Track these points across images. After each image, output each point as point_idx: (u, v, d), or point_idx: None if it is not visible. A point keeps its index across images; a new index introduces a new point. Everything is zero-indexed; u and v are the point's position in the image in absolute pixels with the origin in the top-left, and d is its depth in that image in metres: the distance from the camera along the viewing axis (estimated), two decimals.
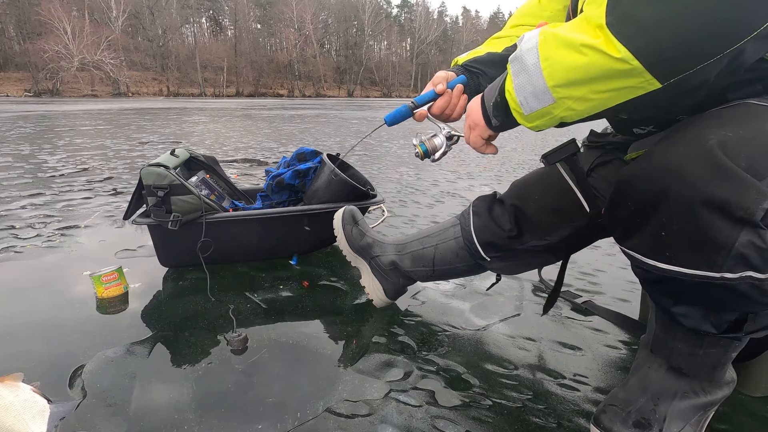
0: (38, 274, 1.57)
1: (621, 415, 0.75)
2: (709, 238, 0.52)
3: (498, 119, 0.70)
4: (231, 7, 52.77)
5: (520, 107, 0.63)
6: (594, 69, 0.52)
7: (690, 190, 0.52)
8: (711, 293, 0.56)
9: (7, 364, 1.03)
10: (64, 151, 4.63)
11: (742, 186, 0.50)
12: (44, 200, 2.56)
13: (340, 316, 1.30)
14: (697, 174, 0.52)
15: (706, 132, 0.54)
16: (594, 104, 0.56)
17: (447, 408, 0.93)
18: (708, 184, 0.51)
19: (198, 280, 1.50)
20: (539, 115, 0.61)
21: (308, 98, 43.22)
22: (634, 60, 0.49)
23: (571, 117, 0.60)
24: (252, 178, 3.37)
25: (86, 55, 38.31)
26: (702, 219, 0.52)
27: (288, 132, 7.17)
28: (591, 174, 0.91)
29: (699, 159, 0.52)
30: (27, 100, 27.72)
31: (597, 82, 0.53)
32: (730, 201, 0.50)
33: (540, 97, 0.59)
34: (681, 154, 0.54)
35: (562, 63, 0.55)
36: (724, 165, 0.51)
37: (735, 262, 0.52)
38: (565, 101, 0.57)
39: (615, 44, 0.49)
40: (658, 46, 0.48)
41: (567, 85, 0.56)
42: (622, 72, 0.50)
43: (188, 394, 0.95)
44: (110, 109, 14.76)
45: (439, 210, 2.52)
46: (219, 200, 1.75)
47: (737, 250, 0.52)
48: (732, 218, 0.51)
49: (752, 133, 0.53)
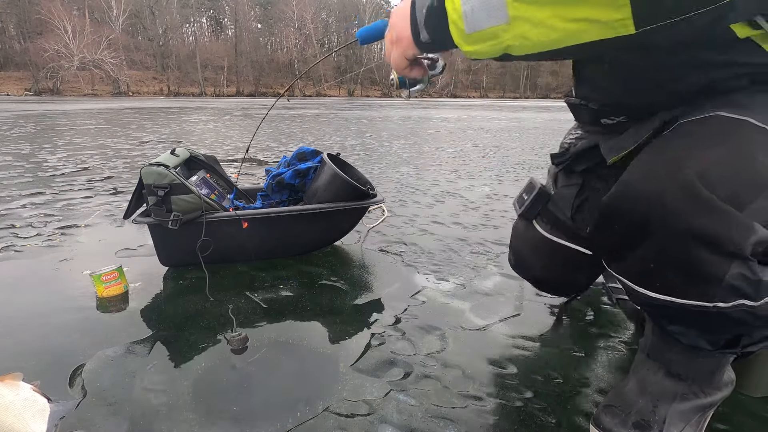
0: (38, 273, 1.57)
1: (621, 416, 0.75)
2: (699, 270, 0.52)
3: (429, 32, 0.54)
4: (231, 7, 52.81)
5: (463, 20, 0.49)
6: None
7: (676, 223, 0.52)
8: (705, 319, 0.56)
9: (7, 363, 1.03)
10: (64, 150, 4.63)
11: (728, 220, 0.49)
12: (44, 199, 2.56)
13: (340, 316, 1.30)
14: (680, 207, 0.51)
15: (682, 158, 0.53)
16: (553, 36, 0.46)
17: (447, 408, 0.93)
18: (693, 218, 0.50)
19: (198, 279, 1.50)
20: (483, 36, 0.49)
21: (308, 98, 43.23)
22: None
23: (521, 49, 0.48)
24: (252, 177, 3.37)
25: (86, 55, 38.32)
26: (691, 252, 0.52)
27: (288, 131, 7.17)
28: (575, 218, 0.90)
29: (680, 191, 0.51)
30: (27, 99, 27.73)
31: (568, 7, 0.43)
32: (719, 236, 0.50)
33: (492, 12, 0.47)
34: (661, 186, 0.53)
35: None
36: (706, 199, 0.50)
37: (727, 292, 0.52)
38: (520, 24, 0.46)
39: None
40: None
41: (529, 1, 0.45)
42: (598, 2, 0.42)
43: (188, 393, 0.95)
44: (110, 108, 14.76)
45: (440, 210, 2.52)
46: (219, 199, 1.75)
47: (728, 282, 0.51)
48: (722, 253, 0.51)
49: (729, 157, 0.52)
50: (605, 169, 0.84)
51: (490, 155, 4.76)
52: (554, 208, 0.90)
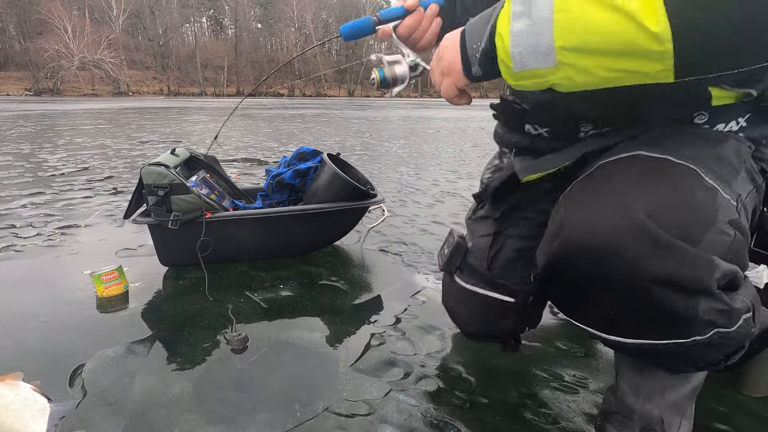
0: (38, 273, 1.57)
1: (627, 424, 0.74)
2: (669, 314, 0.51)
3: (482, 67, 0.56)
4: (231, 7, 52.81)
5: (511, 60, 0.50)
6: (617, 39, 0.43)
7: (635, 271, 0.49)
8: (681, 350, 0.55)
9: (7, 363, 1.03)
10: (64, 150, 4.63)
11: (689, 259, 0.48)
12: (44, 199, 2.56)
13: (340, 316, 1.30)
14: (638, 252, 0.49)
15: (625, 198, 0.51)
16: (596, 80, 0.48)
17: (447, 408, 0.93)
18: (652, 262, 0.48)
19: (198, 279, 1.50)
20: (530, 75, 0.51)
21: (309, 98, 43.21)
22: (668, 40, 0.40)
23: (565, 88, 0.51)
24: (252, 177, 3.37)
25: (87, 55, 38.30)
26: (657, 298, 0.50)
27: (288, 131, 7.17)
28: (492, 268, 0.91)
29: (634, 235, 0.49)
30: (27, 99, 27.73)
31: (612, 57, 0.44)
32: (684, 278, 0.48)
33: (541, 56, 0.48)
34: (610, 229, 0.50)
35: (582, 22, 0.44)
36: (661, 239, 0.48)
37: (702, 327, 0.51)
38: (566, 68, 0.47)
39: (657, 14, 0.40)
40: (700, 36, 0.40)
41: (578, 50, 0.46)
42: (647, 52, 0.42)
43: (188, 393, 0.95)
44: (110, 108, 14.77)
45: (440, 210, 2.52)
46: (219, 199, 1.75)
47: (701, 319, 0.51)
48: (690, 293, 0.50)
49: (670, 194, 0.51)
50: (520, 212, 0.87)
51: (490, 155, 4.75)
52: (472, 260, 0.92)
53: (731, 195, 0.53)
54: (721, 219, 0.50)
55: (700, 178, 0.52)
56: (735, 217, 0.52)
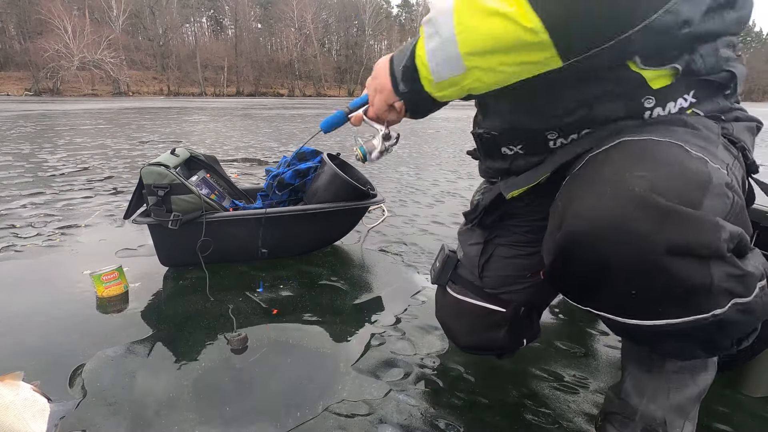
0: (38, 273, 1.57)
1: (627, 424, 0.74)
2: (684, 285, 0.51)
3: (406, 85, 0.66)
4: (231, 7, 52.78)
5: (431, 74, 0.61)
6: (505, 38, 0.52)
7: (648, 245, 0.50)
8: (701, 331, 0.55)
9: (8, 363, 1.03)
10: (64, 150, 4.63)
11: (695, 223, 0.49)
12: (44, 199, 2.56)
13: (340, 316, 1.30)
14: (646, 226, 0.49)
15: (620, 179, 0.53)
16: (503, 77, 0.57)
17: (447, 408, 0.93)
18: (662, 232, 0.49)
19: (198, 279, 1.50)
20: (448, 84, 0.60)
21: (309, 98, 43.21)
22: (543, 32, 0.50)
23: (479, 89, 0.60)
24: (252, 177, 3.37)
25: (87, 55, 38.29)
26: (671, 269, 0.50)
27: (288, 131, 7.17)
28: (483, 277, 0.91)
29: (639, 209, 0.50)
30: (27, 99, 27.73)
31: (507, 53, 0.54)
32: (691, 242, 0.49)
33: (452, 64, 0.57)
34: (614, 208, 0.51)
35: (477, 29, 0.54)
36: (667, 208, 0.49)
37: (720, 297, 0.51)
38: (474, 71, 0.57)
39: (528, 13, 0.50)
40: (566, 22, 0.50)
41: (479, 53, 0.55)
42: (529, 44, 0.52)
43: (188, 393, 0.95)
44: (110, 108, 14.77)
45: (440, 210, 2.52)
46: (219, 199, 1.75)
47: (718, 286, 0.50)
48: (699, 258, 0.50)
49: (664, 167, 0.53)
50: (508, 221, 0.89)
51: None
52: (463, 271, 0.94)
53: (719, 164, 0.56)
54: (716, 182, 0.52)
55: (686, 151, 0.55)
56: (729, 181, 0.54)
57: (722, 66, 0.62)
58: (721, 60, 0.61)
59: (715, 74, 0.62)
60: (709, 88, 0.63)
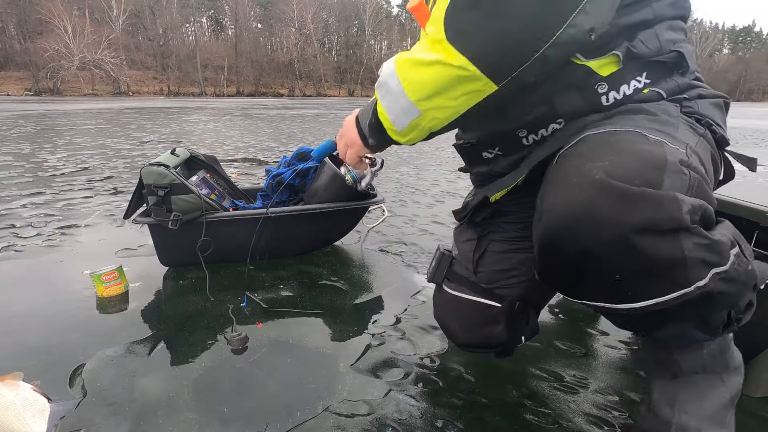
0: (38, 273, 1.57)
1: None
2: (659, 261, 0.53)
3: (374, 139, 0.76)
4: (231, 7, 52.77)
5: (393, 125, 0.70)
6: (443, 79, 0.61)
7: (616, 228, 0.53)
8: (691, 307, 0.56)
9: (8, 363, 1.04)
10: (64, 150, 4.63)
11: (654, 200, 0.52)
12: (45, 199, 2.56)
13: (340, 316, 1.30)
14: (611, 210, 0.53)
15: (582, 170, 0.57)
16: (453, 110, 0.65)
17: (447, 408, 0.93)
18: (626, 212, 0.52)
19: (198, 279, 1.51)
20: (410, 128, 0.70)
21: (309, 98, 43.21)
22: (471, 65, 0.59)
23: (438, 125, 0.68)
24: (252, 177, 3.37)
25: (87, 54, 38.29)
26: (642, 247, 0.52)
27: (288, 131, 7.17)
28: (478, 272, 0.93)
29: (601, 195, 0.54)
30: (27, 99, 27.73)
31: (449, 90, 0.62)
32: (655, 219, 0.51)
33: (408, 112, 0.67)
34: (580, 198, 0.55)
35: (419, 80, 0.64)
36: (626, 190, 0.52)
37: (696, 268, 0.53)
38: (429, 112, 0.66)
39: (454, 54, 0.59)
40: (486, 53, 0.59)
41: (427, 97, 0.64)
42: (464, 78, 0.60)
43: (188, 393, 0.95)
44: (111, 108, 14.77)
45: (440, 210, 2.52)
46: (219, 199, 1.75)
47: (690, 257, 0.52)
48: (666, 233, 0.52)
49: (621, 154, 0.56)
50: (500, 218, 0.92)
51: None
52: (458, 268, 0.96)
53: (678, 144, 0.59)
54: (671, 161, 0.55)
55: (644, 137, 0.59)
56: (685, 159, 0.57)
57: (669, 47, 0.67)
58: (666, 42, 0.67)
59: (664, 55, 0.67)
60: (661, 69, 0.68)
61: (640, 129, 0.60)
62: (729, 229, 0.58)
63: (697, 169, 0.57)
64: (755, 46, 72.38)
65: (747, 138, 7.68)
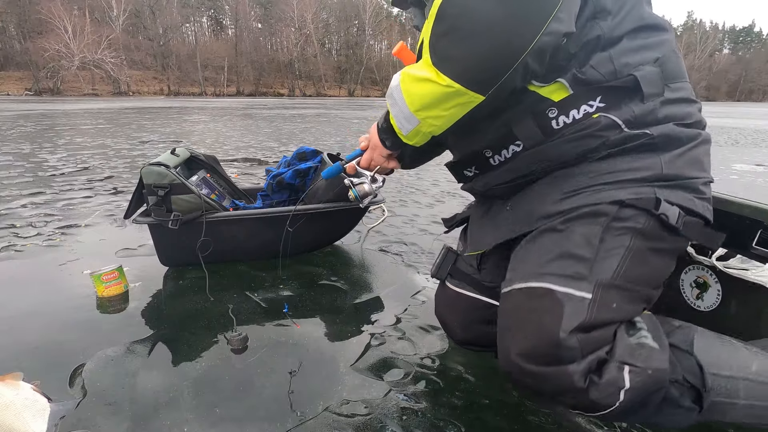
0: (38, 272, 1.57)
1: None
2: (577, 405, 0.70)
3: (389, 140, 0.86)
4: (232, 6, 52.74)
5: (400, 130, 0.80)
6: (435, 94, 0.69)
7: (537, 388, 0.71)
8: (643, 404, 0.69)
9: (8, 363, 1.03)
10: (64, 150, 4.63)
11: (553, 376, 0.67)
12: (45, 199, 2.56)
13: (340, 316, 1.30)
14: (527, 378, 0.70)
15: (502, 346, 0.75)
16: (446, 119, 0.73)
17: (447, 408, 0.93)
18: (538, 383, 0.70)
19: (198, 279, 1.50)
20: (414, 133, 0.79)
21: (309, 98, 43.19)
22: (455, 84, 0.66)
23: (437, 131, 0.76)
24: (252, 177, 3.37)
25: (87, 54, 38.26)
26: (558, 400, 0.71)
27: (288, 131, 7.17)
28: (481, 269, 0.96)
29: (521, 371, 0.71)
30: (28, 98, 27.74)
31: (441, 103, 0.70)
32: (559, 386, 0.67)
33: (410, 120, 0.76)
34: (509, 363, 0.73)
35: (416, 93, 0.72)
36: (531, 371, 0.69)
37: (603, 401, 0.67)
38: (427, 120, 0.74)
39: (440, 76, 0.67)
40: (465, 71, 0.66)
41: (423, 108, 0.73)
42: (452, 93, 0.68)
43: (188, 393, 0.95)
44: (111, 108, 14.77)
45: (440, 210, 2.52)
46: (219, 199, 1.75)
47: (592, 400, 0.67)
48: (569, 392, 0.67)
49: (530, 338, 0.70)
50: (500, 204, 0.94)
51: None
52: (462, 265, 0.99)
53: (586, 288, 0.68)
54: (563, 338, 0.66)
55: (552, 295, 0.69)
56: (582, 320, 0.67)
57: (626, 72, 0.69)
58: (622, 66, 0.69)
59: (620, 80, 0.69)
60: (616, 94, 0.70)
61: (552, 281, 0.69)
62: (614, 374, 0.67)
63: (595, 323, 0.67)
64: (755, 46, 72.34)
65: (747, 138, 7.68)
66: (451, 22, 0.64)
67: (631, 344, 0.68)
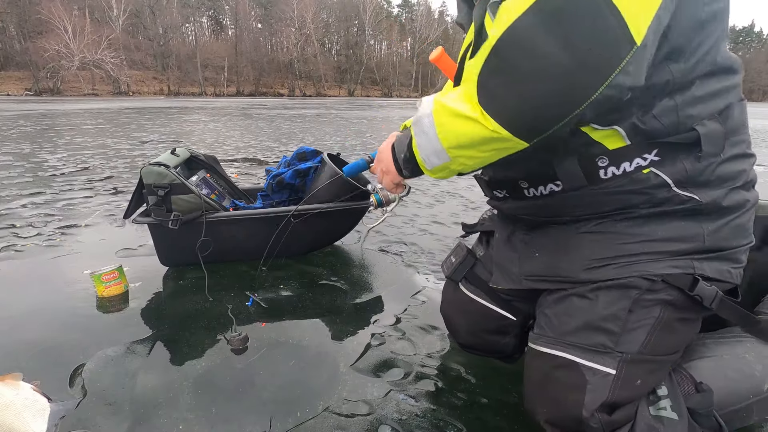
0: (38, 273, 1.57)
1: None
2: None
3: (408, 170, 0.80)
4: (232, 6, 52.74)
5: (424, 163, 0.73)
6: (476, 136, 0.62)
7: None
8: None
9: (8, 363, 1.03)
10: (64, 150, 4.63)
11: None
12: (45, 199, 2.56)
13: (340, 316, 1.30)
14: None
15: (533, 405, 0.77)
16: (481, 160, 0.67)
17: (447, 408, 0.93)
18: None
19: (198, 279, 1.50)
20: (440, 169, 0.72)
21: (309, 98, 43.21)
22: (503, 131, 0.59)
23: (465, 170, 0.72)
24: (252, 177, 3.37)
25: (87, 54, 38.27)
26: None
27: (288, 131, 7.17)
28: None
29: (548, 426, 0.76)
30: (28, 98, 27.73)
31: (480, 145, 0.64)
32: None
33: (439, 155, 0.69)
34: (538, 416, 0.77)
35: (452, 130, 0.65)
36: None
37: None
38: (458, 159, 0.68)
39: (488, 119, 0.60)
40: (516, 118, 0.59)
41: (458, 147, 0.66)
42: (496, 139, 0.61)
43: (188, 393, 0.95)
44: (111, 108, 14.77)
45: (440, 210, 2.52)
46: (219, 199, 1.75)
47: None
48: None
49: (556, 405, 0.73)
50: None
51: None
52: (480, 271, 0.96)
53: (611, 364, 0.68)
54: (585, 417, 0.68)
55: (577, 370, 0.70)
56: (605, 398, 0.68)
57: (689, 124, 0.63)
58: (686, 118, 0.62)
59: (681, 135, 0.63)
60: (672, 148, 0.64)
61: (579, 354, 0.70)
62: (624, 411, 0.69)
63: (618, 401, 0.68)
64: (755, 47, 72.36)
65: None
66: (509, 61, 0.56)
67: (650, 421, 0.69)
